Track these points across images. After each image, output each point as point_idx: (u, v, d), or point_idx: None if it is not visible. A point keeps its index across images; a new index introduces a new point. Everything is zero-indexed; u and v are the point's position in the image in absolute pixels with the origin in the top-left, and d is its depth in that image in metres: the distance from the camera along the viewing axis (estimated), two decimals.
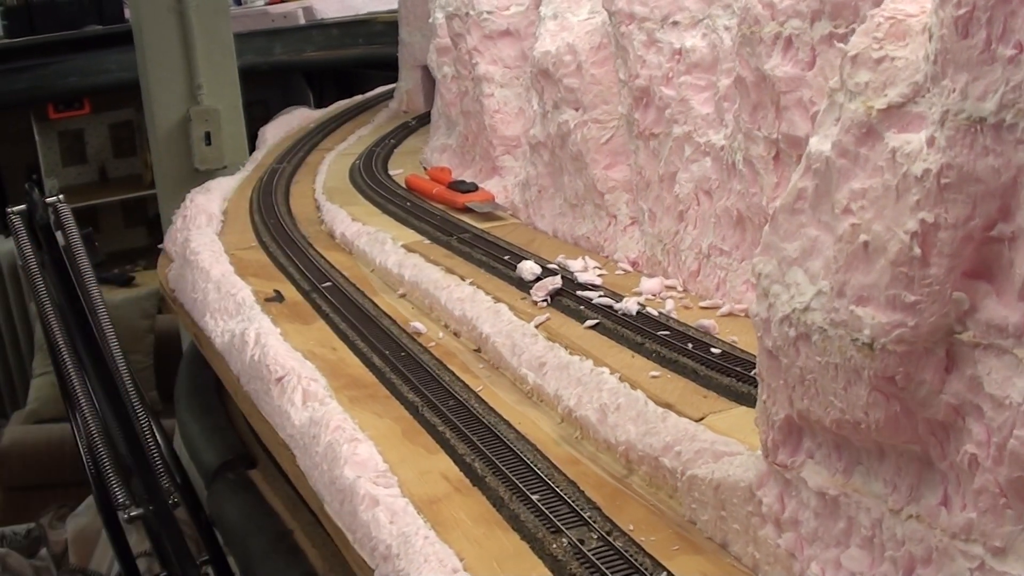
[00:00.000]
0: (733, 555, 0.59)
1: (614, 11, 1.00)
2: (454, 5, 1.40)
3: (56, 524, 2.61)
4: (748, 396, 0.73)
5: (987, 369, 0.43)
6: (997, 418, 0.42)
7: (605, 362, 0.81)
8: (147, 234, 3.54)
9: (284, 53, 3.38)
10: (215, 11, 2.41)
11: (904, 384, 0.46)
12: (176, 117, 2.45)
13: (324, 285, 1.12)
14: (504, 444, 0.74)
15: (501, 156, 1.37)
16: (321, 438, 0.78)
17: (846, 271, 0.47)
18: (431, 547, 0.63)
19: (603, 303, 0.93)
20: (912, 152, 0.44)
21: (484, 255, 1.12)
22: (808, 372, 0.51)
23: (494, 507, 0.68)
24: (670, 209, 0.97)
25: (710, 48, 0.90)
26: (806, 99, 0.75)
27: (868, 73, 0.47)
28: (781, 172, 0.80)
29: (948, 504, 0.46)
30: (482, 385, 0.86)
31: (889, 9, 0.47)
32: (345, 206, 1.41)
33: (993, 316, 0.43)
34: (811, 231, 0.50)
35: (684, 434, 0.67)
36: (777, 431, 0.55)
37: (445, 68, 1.56)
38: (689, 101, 0.93)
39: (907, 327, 0.45)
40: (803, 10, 0.74)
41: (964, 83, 0.41)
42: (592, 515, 0.64)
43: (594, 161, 1.08)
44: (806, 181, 0.51)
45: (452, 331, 0.98)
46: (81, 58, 3.23)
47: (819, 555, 0.53)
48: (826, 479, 0.52)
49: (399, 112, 2.12)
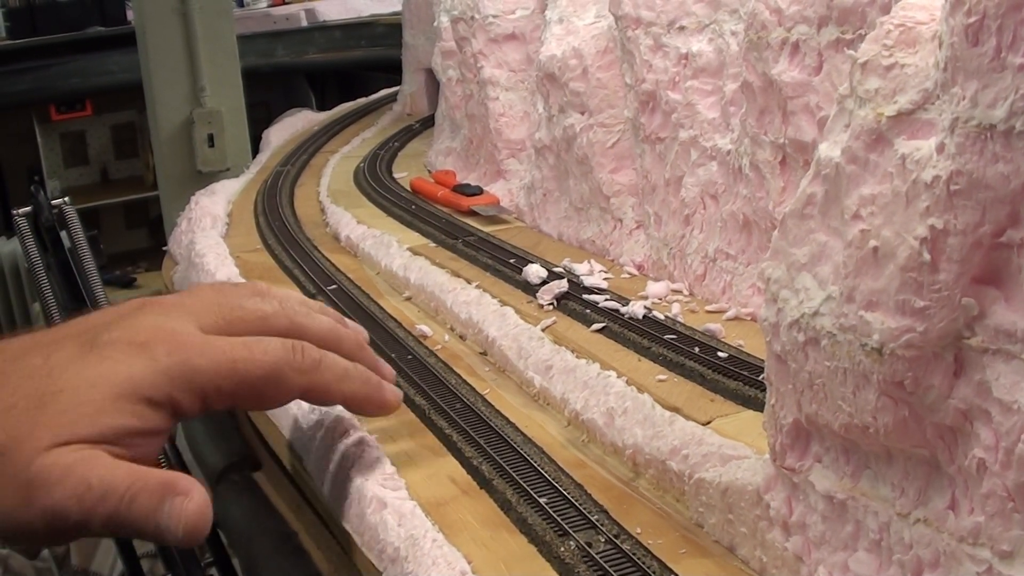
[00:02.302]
0: (740, 558, 0.60)
1: (620, 16, 1.00)
2: (459, 8, 1.40)
3: None
4: (755, 400, 0.73)
5: (996, 374, 0.43)
6: (1005, 423, 0.42)
7: (612, 365, 0.82)
8: (149, 236, 3.54)
9: (286, 55, 3.39)
10: (219, 13, 2.42)
11: (913, 389, 0.46)
12: (179, 119, 2.46)
13: (330, 288, 1.13)
14: (511, 447, 0.74)
15: (506, 159, 1.37)
16: (328, 441, 0.78)
17: (855, 276, 0.47)
18: (439, 550, 0.63)
19: (609, 307, 0.94)
20: (922, 159, 0.44)
21: (490, 258, 1.12)
22: (817, 377, 0.51)
23: (502, 510, 0.68)
24: (676, 213, 0.98)
25: (716, 53, 0.90)
26: (813, 104, 0.75)
27: (878, 80, 0.47)
28: (787, 177, 0.80)
29: (956, 508, 0.46)
30: (489, 388, 0.86)
31: (899, 16, 0.48)
32: (350, 209, 1.41)
33: (1002, 321, 0.43)
34: (820, 236, 0.51)
35: (691, 438, 0.67)
36: (785, 435, 0.55)
37: (450, 71, 1.57)
38: (695, 106, 0.93)
39: (916, 332, 0.45)
40: (810, 16, 0.74)
41: (974, 90, 0.41)
42: (600, 518, 0.64)
43: (600, 165, 1.08)
44: (815, 187, 0.51)
45: (458, 334, 0.98)
46: (83, 59, 3.24)
47: (827, 558, 0.53)
48: (834, 483, 0.53)
49: (403, 115, 2.12)
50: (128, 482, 0.58)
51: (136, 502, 0.58)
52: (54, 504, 0.57)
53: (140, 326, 0.62)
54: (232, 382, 0.62)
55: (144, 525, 0.58)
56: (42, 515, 0.57)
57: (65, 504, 0.57)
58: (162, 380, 0.60)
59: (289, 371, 0.65)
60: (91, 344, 0.60)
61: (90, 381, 0.59)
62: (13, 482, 0.56)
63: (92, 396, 0.58)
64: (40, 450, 0.57)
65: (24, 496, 0.57)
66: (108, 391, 0.59)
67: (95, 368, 0.59)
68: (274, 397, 0.67)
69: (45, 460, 0.57)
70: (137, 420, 0.59)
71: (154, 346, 0.60)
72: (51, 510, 0.57)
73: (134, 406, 0.59)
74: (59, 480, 0.56)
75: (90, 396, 0.58)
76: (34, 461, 0.57)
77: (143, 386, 0.59)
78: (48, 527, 0.57)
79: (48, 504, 0.57)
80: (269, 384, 0.64)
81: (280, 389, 0.65)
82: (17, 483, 0.56)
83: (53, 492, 0.57)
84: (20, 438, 0.57)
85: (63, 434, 0.57)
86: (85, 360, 0.60)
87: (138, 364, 0.60)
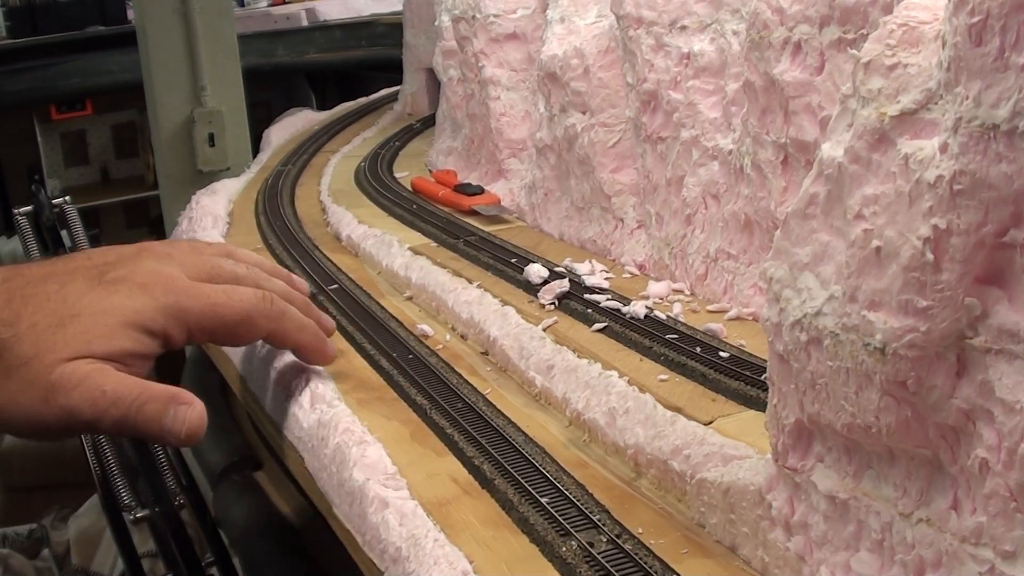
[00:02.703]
0: (742, 558, 0.60)
1: (622, 15, 1.00)
2: (460, 8, 1.40)
3: (58, 525, 2.62)
4: (757, 400, 0.73)
5: (998, 374, 0.43)
6: (1008, 423, 0.42)
7: (613, 365, 0.82)
8: (149, 235, 3.54)
9: (287, 55, 3.38)
10: (219, 13, 2.41)
11: (915, 389, 0.46)
12: (180, 119, 2.45)
13: (331, 287, 1.13)
14: (512, 447, 0.74)
15: (507, 159, 1.37)
16: (329, 440, 0.78)
17: (858, 276, 0.47)
18: (440, 549, 0.63)
19: (611, 306, 0.94)
20: (925, 158, 0.44)
21: (491, 258, 1.12)
22: (819, 376, 0.51)
23: (503, 510, 0.68)
24: (677, 213, 0.98)
25: (718, 52, 0.90)
26: (815, 104, 0.75)
27: (881, 80, 0.47)
28: (789, 177, 0.80)
29: (958, 508, 0.46)
30: (490, 388, 0.86)
31: (902, 16, 0.48)
32: (351, 208, 1.41)
33: (1005, 321, 0.43)
34: (823, 236, 0.51)
35: (693, 438, 0.67)
36: (787, 435, 0.55)
37: (451, 71, 1.56)
38: (697, 105, 0.93)
39: (919, 332, 0.45)
40: (812, 15, 0.74)
41: (977, 90, 0.41)
42: (601, 518, 0.64)
43: (601, 164, 1.08)
44: (818, 187, 0.51)
45: (459, 334, 0.98)
46: (83, 59, 3.23)
47: (829, 558, 0.53)
48: (836, 483, 0.53)
49: (403, 115, 2.12)
50: (138, 391, 0.71)
51: (145, 408, 0.71)
52: (71, 405, 0.69)
53: (141, 270, 0.75)
54: (213, 322, 0.77)
55: (150, 428, 0.72)
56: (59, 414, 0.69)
57: (80, 406, 0.69)
58: (159, 315, 0.74)
59: (259, 317, 0.79)
60: (99, 279, 0.74)
61: (103, 309, 0.72)
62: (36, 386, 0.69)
63: (105, 321, 0.72)
64: (61, 360, 0.69)
65: (44, 397, 0.69)
66: (117, 319, 0.72)
67: (106, 300, 0.73)
68: (244, 337, 0.82)
69: (65, 369, 0.69)
70: (138, 345, 0.73)
71: (153, 287, 0.74)
72: (67, 409, 0.69)
73: (137, 334, 0.73)
74: (76, 385, 0.69)
75: (104, 321, 0.72)
76: (55, 369, 0.69)
77: (144, 318, 0.73)
78: (61, 424, 0.70)
79: (65, 404, 0.69)
80: (241, 326, 0.79)
81: (250, 331, 0.80)
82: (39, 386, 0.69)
83: (71, 395, 0.69)
84: (43, 350, 0.69)
85: (81, 350, 0.70)
86: (96, 292, 0.73)
87: (140, 300, 0.73)
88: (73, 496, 2.60)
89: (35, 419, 0.70)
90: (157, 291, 0.74)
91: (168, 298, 0.74)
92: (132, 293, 0.74)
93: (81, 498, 2.53)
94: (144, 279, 0.75)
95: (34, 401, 0.69)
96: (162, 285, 0.75)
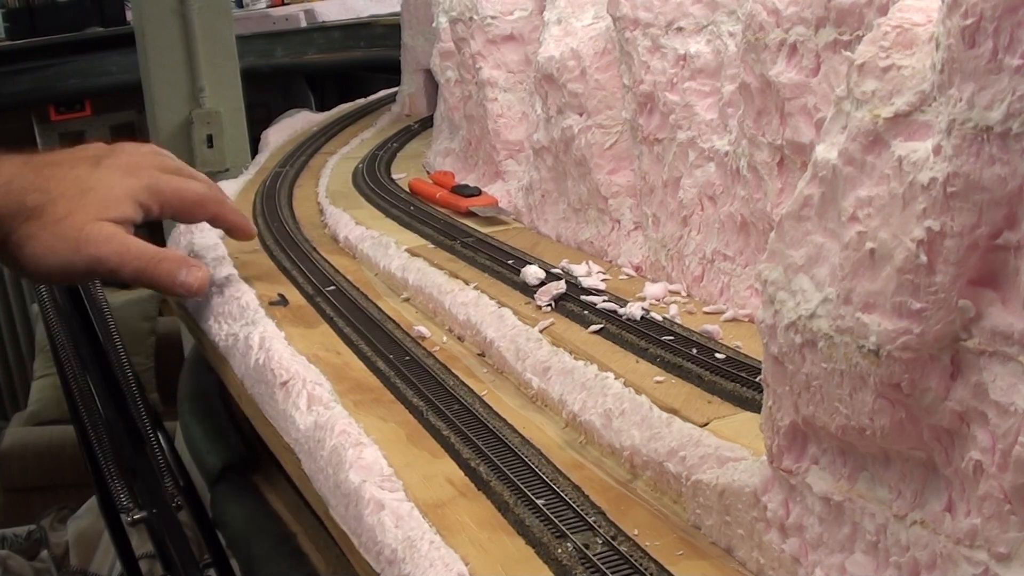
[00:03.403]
0: (738, 560, 0.60)
1: (618, 17, 1.00)
2: (458, 9, 1.40)
3: (57, 526, 2.62)
4: (752, 401, 0.73)
5: (992, 376, 0.43)
6: (1002, 425, 0.42)
7: (609, 367, 0.82)
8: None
9: (285, 56, 3.39)
10: (218, 13, 2.41)
11: (909, 391, 0.46)
12: (178, 119, 2.46)
13: (328, 289, 1.13)
14: (509, 448, 0.74)
15: (504, 160, 1.37)
16: (326, 442, 0.78)
17: (852, 278, 0.47)
18: (436, 552, 0.63)
19: (607, 308, 0.94)
20: (919, 160, 0.44)
21: (488, 259, 1.12)
22: (814, 378, 0.51)
23: (499, 511, 0.68)
24: (674, 214, 0.98)
25: (714, 54, 0.90)
26: (810, 106, 0.75)
27: (875, 82, 0.47)
28: (785, 178, 0.80)
29: (953, 510, 0.46)
30: (486, 389, 0.86)
31: (896, 18, 0.48)
32: (348, 210, 1.41)
33: (999, 323, 0.43)
34: (817, 238, 0.51)
35: (689, 439, 0.67)
36: (782, 437, 0.55)
37: (448, 72, 1.57)
38: (693, 107, 0.93)
39: (913, 334, 0.45)
40: (808, 17, 0.74)
41: (971, 92, 0.41)
42: (597, 520, 0.64)
43: (597, 166, 1.08)
44: (812, 189, 0.51)
45: (456, 335, 0.98)
46: (82, 60, 3.23)
47: (823, 560, 0.53)
48: (831, 485, 0.53)
49: (401, 116, 2.12)
50: (155, 251, 0.99)
51: (162, 264, 0.98)
52: (100, 255, 0.94)
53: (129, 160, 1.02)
54: (178, 199, 1.04)
55: (165, 280, 0.98)
56: (88, 261, 0.94)
57: (108, 256, 0.94)
58: (146, 192, 1.00)
59: (209, 201, 1.07)
60: (98, 164, 0.99)
61: (108, 185, 0.97)
62: (68, 238, 0.92)
63: (116, 193, 0.97)
64: (90, 219, 0.94)
65: (76, 248, 0.93)
66: (122, 192, 0.98)
67: (108, 178, 0.98)
68: (197, 215, 1.09)
69: (94, 226, 0.94)
70: (133, 213, 0.99)
71: (139, 171, 1.01)
72: (96, 258, 0.94)
73: (134, 204, 0.99)
74: (106, 240, 0.94)
75: (112, 194, 0.97)
76: (86, 226, 0.93)
77: (136, 193, 0.99)
78: (88, 270, 0.95)
79: (95, 254, 0.94)
80: (197, 206, 1.06)
81: (202, 210, 1.08)
82: (72, 238, 0.92)
83: (101, 247, 0.94)
84: (73, 211, 0.93)
85: (103, 214, 0.95)
86: (100, 172, 0.98)
87: (132, 180, 0.99)
88: (72, 497, 2.60)
89: (67, 265, 0.92)
90: (143, 174, 1.00)
91: (151, 180, 1.01)
92: (125, 175, 0.99)
93: (79, 499, 2.53)
94: (132, 166, 1.01)
95: (67, 251, 0.92)
96: (146, 171, 1.01)
